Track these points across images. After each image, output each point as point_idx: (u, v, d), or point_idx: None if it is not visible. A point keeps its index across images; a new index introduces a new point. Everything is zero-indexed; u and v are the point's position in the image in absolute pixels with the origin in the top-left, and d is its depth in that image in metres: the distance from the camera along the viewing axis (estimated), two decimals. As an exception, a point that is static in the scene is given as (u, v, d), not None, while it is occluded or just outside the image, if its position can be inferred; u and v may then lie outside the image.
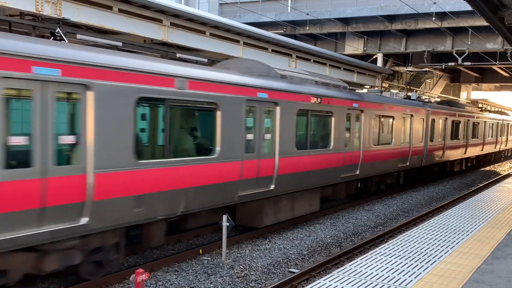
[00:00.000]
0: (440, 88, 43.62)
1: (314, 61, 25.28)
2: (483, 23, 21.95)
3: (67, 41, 8.08)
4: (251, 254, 10.63)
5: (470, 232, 9.48)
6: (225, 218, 9.95)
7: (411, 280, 6.52)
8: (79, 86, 7.21)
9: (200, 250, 10.54)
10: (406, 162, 19.11)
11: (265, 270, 9.75)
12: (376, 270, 6.92)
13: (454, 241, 8.73)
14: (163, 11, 15.91)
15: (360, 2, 26.49)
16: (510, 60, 27.13)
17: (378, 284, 6.33)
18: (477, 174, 30.00)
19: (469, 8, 12.41)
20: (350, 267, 7.02)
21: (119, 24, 14.63)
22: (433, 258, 7.60)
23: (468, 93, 50.51)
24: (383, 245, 8.36)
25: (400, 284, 6.35)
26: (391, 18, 26.25)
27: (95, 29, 14.34)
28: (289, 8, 27.31)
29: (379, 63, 30.12)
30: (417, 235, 9.13)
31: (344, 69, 27.80)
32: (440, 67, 31.47)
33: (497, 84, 50.02)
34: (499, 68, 36.80)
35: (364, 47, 28.67)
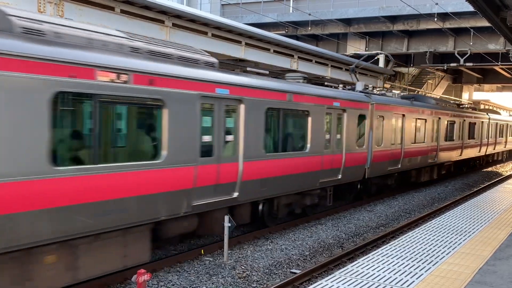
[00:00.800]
0: (442, 89, 43.64)
1: (316, 62, 25.33)
2: (485, 24, 21.93)
3: None
4: (253, 255, 10.63)
5: (472, 233, 9.48)
6: (227, 219, 9.95)
7: (413, 281, 6.52)
8: None
9: (202, 251, 10.55)
10: (337, 175, 14.65)
11: (267, 271, 9.76)
12: (378, 271, 6.92)
13: (456, 242, 8.72)
14: (165, 12, 15.95)
15: (362, 3, 26.51)
16: (512, 61, 27.15)
17: (380, 285, 6.33)
18: (479, 175, 29.96)
19: (471, 9, 12.40)
20: (352, 268, 7.02)
21: (121, 25, 14.67)
22: (435, 259, 7.60)
23: (470, 94, 50.55)
24: (385, 246, 8.36)
25: (402, 285, 6.35)
26: (393, 19, 26.27)
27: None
28: (291, 9, 27.35)
29: (381, 64, 30.12)
30: (419, 236, 9.13)
31: (346, 70, 27.82)
32: (442, 68, 31.49)
33: (499, 85, 50.08)
34: (501, 69, 36.80)
35: (366, 48, 28.68)
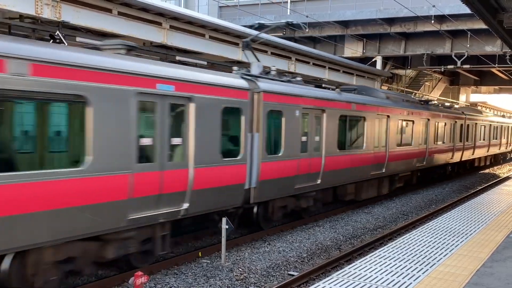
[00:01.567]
0: (439, 91, 43.73)
1: (314, 64, 25.34)
2: (482, 26, 21.94)
3: (66, 44, 8.08)
4: (251, 257, 10.61)
5: (470, 235, 9.49)
6: (224, 221, 9.94)
7: (411, 283, 6.52)
8: None
9: (200, 253, 10.53)
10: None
11: (265, 273, 9.74)
12: (376, 273, 6.92)
13: (454, 244, 8.73)
14: (163, 14, 15.95)
15: (359, 5, 26.54)
16: (509, 63, 27.21)
17: (378, 287, 6.32)
18: (477, 177, 30.00)
19: (468, 11, 12.40)
20: (350, 270, 7.02)
21: (119, 27, 14.67)
22: (433, 261, 7.60)
23: (467, 96, 50.66)
24: (383, 248, 8.36)
25: (400, 287, 6.35)
26: (390, 21, 26.30)
27: (95, 32, 14.36)
28: (289, 11, 27.35)
29: (378, 66, 30.18)
30: (417, 238, 9.13)
31: (344, 72, 27.87)
32: (439, 70, 31.55)
33: (496, 87, 50.17)
34: (498, 71, 36.88)
35: (363, 50, 28.71)
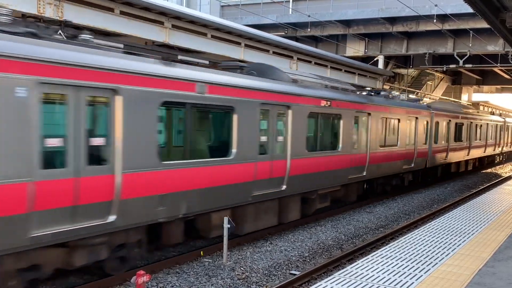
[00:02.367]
0: (441, 90, 43.66)
1: (315, 63, 25.35)
2: (484, 25, 21.90)
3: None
4: (252, 256, 10.62)
5: (472, 234, 9.48)
6: (226, 220, 9.95)
7: (413, 283, 6.52)
8: None
9: (201, 252, 10.54)
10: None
11: (266, 272, 9.75)
12: (378, 272, 6.92)
13: (456, 244, 8.72)
14: (165, 13, 15.97)
15: (361, 4, 26.50)
16: (511, 62, 27.15)
17: (379, 287, 6.33)
18: (479, 176, 29.96)
19: (470, 10, 12.39)
20: (351, 269, 7.02)
21: (121, 26, 14.69)
22: (435, 261, 7.60)
23: (469, 95, 50.57)
24: (385, 247, 8.36)
25: (402, 287, 6.35)
26: (392, 20, 26.26)
27: (97, 31, 14.38)
28: (290, 10, 27.33)
29: (380, 65, 30.15)
30: (419, 237, 9.13)
31: (345, 71, 27.86)
32: (441, 69, 31.50)
33: (498, 86, 50.04)
34: (500, 70, 36.80)
35: (365, 49, 28.69)
